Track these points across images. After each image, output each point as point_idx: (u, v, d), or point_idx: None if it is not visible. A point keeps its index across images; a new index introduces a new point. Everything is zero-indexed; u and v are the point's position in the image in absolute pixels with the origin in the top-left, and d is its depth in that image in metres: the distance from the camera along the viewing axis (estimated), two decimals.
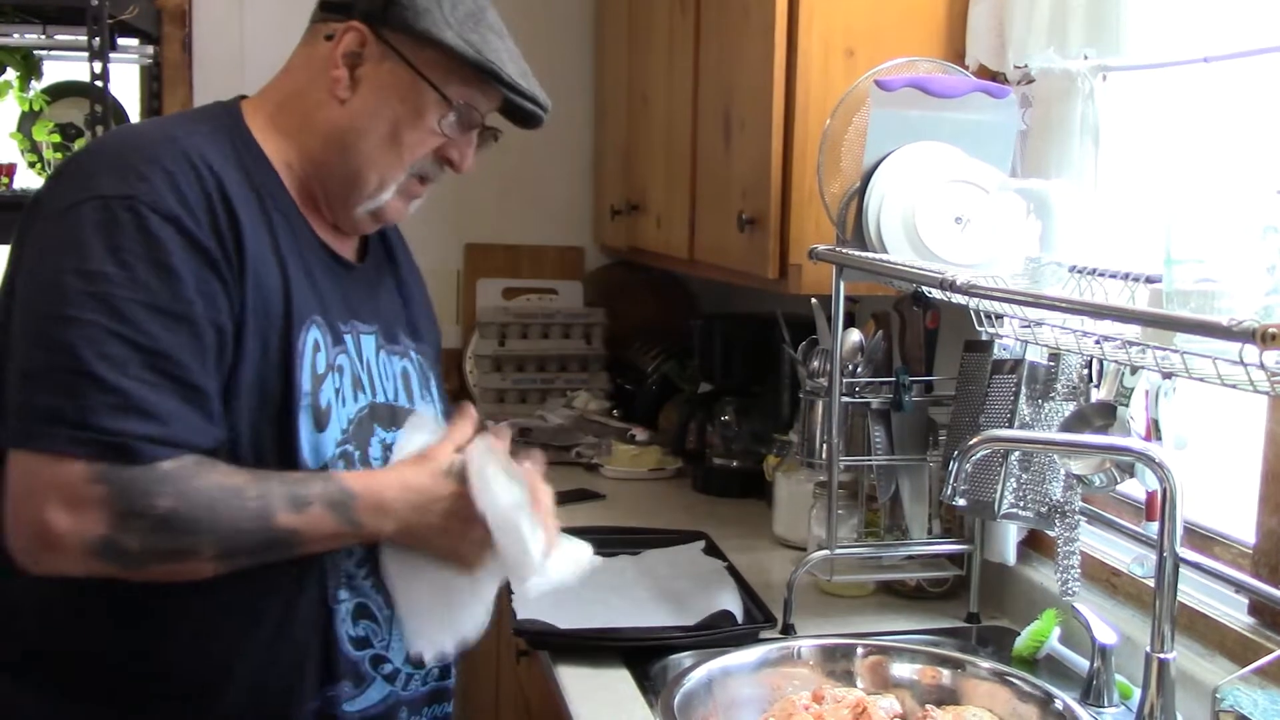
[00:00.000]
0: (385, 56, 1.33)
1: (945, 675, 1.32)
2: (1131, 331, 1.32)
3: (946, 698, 1.30)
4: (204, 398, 1.21)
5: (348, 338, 1.38)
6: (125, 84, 3.18)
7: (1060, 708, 1.22)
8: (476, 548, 1.32)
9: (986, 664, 1.32)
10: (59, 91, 3.02)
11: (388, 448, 1.39)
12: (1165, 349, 1.16)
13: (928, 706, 1.24)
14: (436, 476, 1.31)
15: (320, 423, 1.31)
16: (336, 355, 1.35)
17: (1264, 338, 0.93)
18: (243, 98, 1.43)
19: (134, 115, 3.17)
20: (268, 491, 1.21)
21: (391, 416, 1.41)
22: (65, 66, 3.03)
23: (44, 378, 1.15)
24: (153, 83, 3.17)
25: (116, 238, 1.18)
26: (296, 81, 1.38)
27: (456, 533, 1.31)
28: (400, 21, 1.32)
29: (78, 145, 2.82)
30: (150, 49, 3.07)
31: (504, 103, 1.40)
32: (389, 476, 1.31)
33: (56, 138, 2.89)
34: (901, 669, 1.32)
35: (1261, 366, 0.99)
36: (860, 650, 1.36)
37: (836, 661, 1.35)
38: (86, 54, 2.56)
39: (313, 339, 1.32)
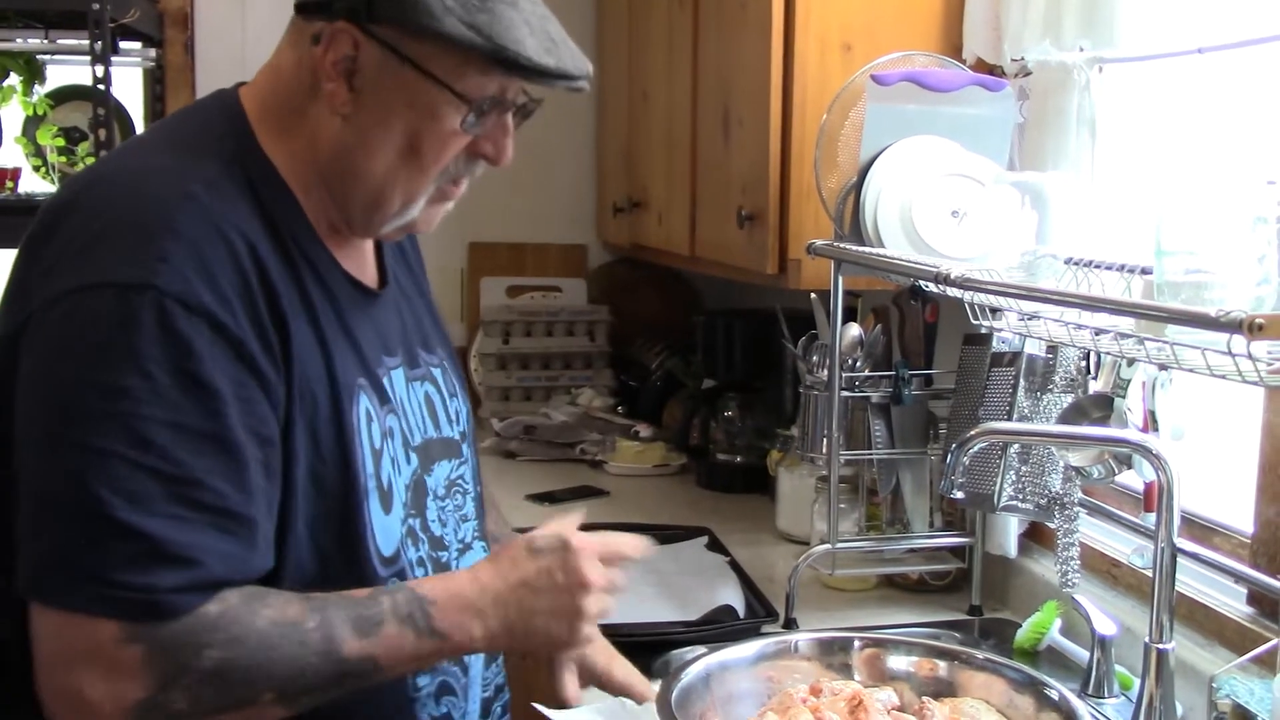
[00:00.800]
0: (383, 58, 1.12)
1: (942, 667, 1.32)
2: (1126, 324, 1.32)
3: (944, 689, 1.30)
4: (244, 525, 1.06)
5: (385, 383, 1.24)
6: (128, 87, 3.20)
7: (1056, 697, 1.22)
8: (590, 618, 1.20)
9: (983, 655, 1.32)
10: (62, 96, 3.04)
11: (438, 496, 1.29)
12: (1157, 340, 1.17)
13: (924, 698, 1.24)
14: (518, 560, 1.18)
15: (386, 504, 1.19)
16: (386, 418, 1.22)
17: (1251, 328, 0.94)
18: (241, 85, 1.24)
19: (137, 118, 3.19)
20: (329, 619, 1.07)
21: (428, 454, 1.30)
22: (68, 71, 3.05)
23: (58, 516, 1.01)
24: (155, 85, 3.18)
25: (137, 341, 1.01)
26: (292, 90, 1.18)
27: (567, 606, 1.18)
28: (391, 15, 1.11)
29: (81, 150, 2.85)
30: (152, 52, 3.09)
31: None
32: (461, 575, 1.18)
33: (61, 141, 2.91)
34: (898, 661, 1.32)
35: (1250, 357, 0.99)
36: (857, 643, 1.36)
37: (834, 655, 1.35)
38: (89, 58, 2.58)
39: (364, 410, 1.18)
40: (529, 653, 1.25)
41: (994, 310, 1.63)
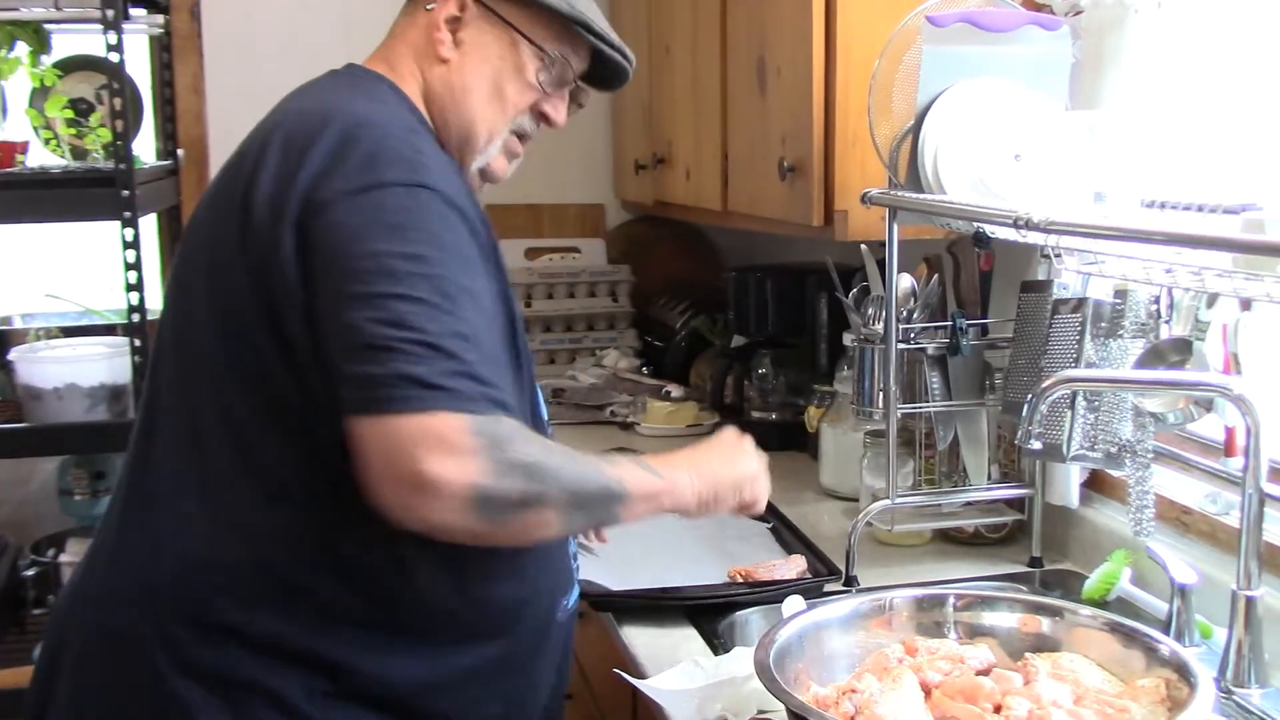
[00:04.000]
0: (484, 18, 1.43)
1: (1043, 623, 1.29)
2: (1211, 261, 1.28)
3: (1044, 645, 1.27)
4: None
5: None
6: (134, 55, 3.12)
7: (1167, 653, 1.19)
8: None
9: (1086, 611, 1.29)
10: (69, 65, 2.94)
11: None
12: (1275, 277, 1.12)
13: (1026, 655, 1.21)
14: (698, 445, 1.44)
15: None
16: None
17: None
18: (351, 65, 1.48)
19: (144, 88, 3.11)
20: (582, 454, 1.27)
21: None
22: (71, 40, 2.96)
23: (391, 349, 1.14)
24: (163, 53, 3.11)
25: (428, 221, 1.21)
26: (411, 50, 1.45)
27: (749, 465, 1.43)
28: None
29: (93, 120, 2.77)
30: (159, 19, 3.00)
31: (591, 61, 1.50)
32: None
33: (69, 113, 2.82)
34: (995, 618, 1.29)
35: None
36: (953, 600, 1.33)
37: (928, 612, 1.32)
38: (95, 25, 2.50)
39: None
40: (719, 503, 1.41)
41: (1058, 254, 1.59)
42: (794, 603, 1.47)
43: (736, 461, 1.43)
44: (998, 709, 1.15)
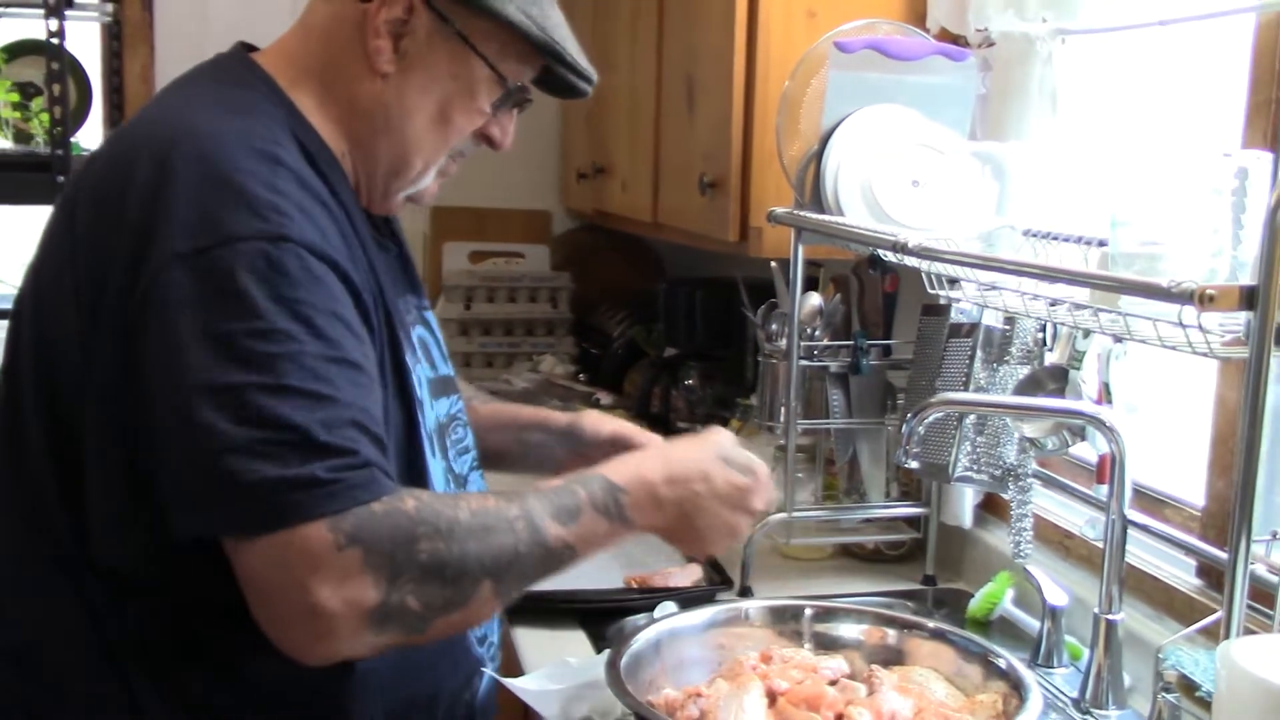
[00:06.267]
0: (436, 28, 1.18)
1: (891, 635, 1.32)
2: (1083, 295, 1.32)
3: (893, 658, 1.30)
4: (385, 450, 1.09)
5: (412, 331, 1.30)
6: (86, 44, 3.13)
7: (1004, 666, 1.23)
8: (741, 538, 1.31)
9: (932, 624, 1.33)
10: (16, 50, 2.96)
11: (447, 432, 1.32)
12: (1110, 311, 1.16)
13: (873, 666, 1.25)
14: (709, 466, 1.25)
15: (433, 447, 1.25)
16: (422, 365, 1.29)
17: (1202, 299, 0.94)
18: (249, 48, 1.26)
19: (94, 76, 3.13)
20: (530, 508, 1.11)
21: (436, 393, 1.32)
22: (21, 24, 2.98)
23: (245, 451, 0.98)
24: (113, 42, 3.12)
25: (283, 287, 1.03)
26: (329, 49, 1.21)
27: (731, 524, 1.27)
28: None
29: (35, 105, 2.79)
30: (109, 7, 3.02)
31: (546, 73, 1.28)
32: (653, 462, 1.23)
33: (15, 97, 2.84)
34: (849, 629, 1.32)
35: (1200, 328, 0.99)
36: (808, 611, 1.36)
37: (785, 623, 1.35)
38: (42, 11, 2.52)
39: (408, 358, 1.23)
40: (673, 543, 1.33)
41: (953, 281, 1.63)
42: (666, 608, 1.50)
43: (730, 514, 1.26)
44: (839, 718, 1.18)
